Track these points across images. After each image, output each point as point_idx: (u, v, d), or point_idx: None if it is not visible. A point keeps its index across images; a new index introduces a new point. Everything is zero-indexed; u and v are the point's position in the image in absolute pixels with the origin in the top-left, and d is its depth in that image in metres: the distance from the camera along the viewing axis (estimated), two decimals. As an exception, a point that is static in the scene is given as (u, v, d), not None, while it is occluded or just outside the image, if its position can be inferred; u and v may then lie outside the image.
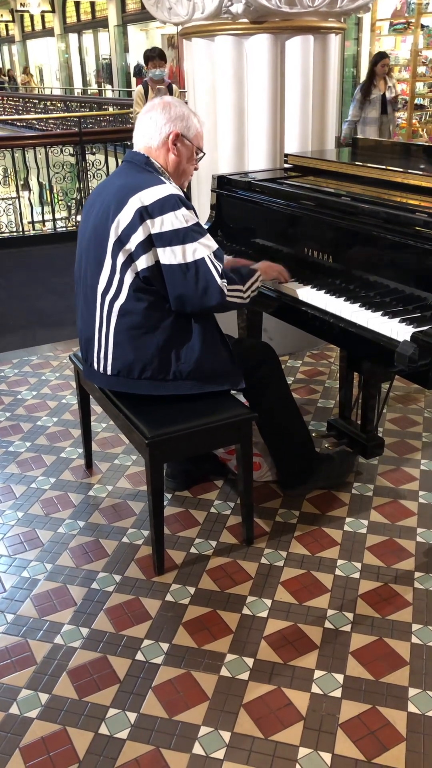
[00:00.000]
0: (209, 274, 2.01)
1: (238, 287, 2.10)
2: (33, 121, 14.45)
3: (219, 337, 2.18)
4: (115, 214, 2.01)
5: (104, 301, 2.09)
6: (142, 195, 1.98)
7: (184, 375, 2.10)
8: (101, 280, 2.08)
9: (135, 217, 1.97)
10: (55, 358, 3.82)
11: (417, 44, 9.49)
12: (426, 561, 2.19)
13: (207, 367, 2.12)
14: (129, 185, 2.03)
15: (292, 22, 3.10)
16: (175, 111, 2.12)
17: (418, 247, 1.98)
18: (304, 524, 2.38)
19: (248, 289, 2.15)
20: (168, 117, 2.11)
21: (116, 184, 2.08)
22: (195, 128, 2.16)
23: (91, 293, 2.13)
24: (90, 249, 2.12)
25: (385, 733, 1.64)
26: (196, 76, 3.37)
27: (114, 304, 2.07)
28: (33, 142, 7.47)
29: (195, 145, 2.18)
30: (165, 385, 2.11)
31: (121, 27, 19.62)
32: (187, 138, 2.14)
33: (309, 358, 3.70)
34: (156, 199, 1.97)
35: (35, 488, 2.64)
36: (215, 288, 2.02)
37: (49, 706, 1.73)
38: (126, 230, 1.99)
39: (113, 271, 2.04)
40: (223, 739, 1.64)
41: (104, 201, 2.08)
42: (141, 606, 2.04)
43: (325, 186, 2.54)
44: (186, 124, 2.13)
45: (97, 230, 2.08)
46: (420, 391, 3.26)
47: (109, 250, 2.04)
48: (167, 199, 1.98)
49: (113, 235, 2.01)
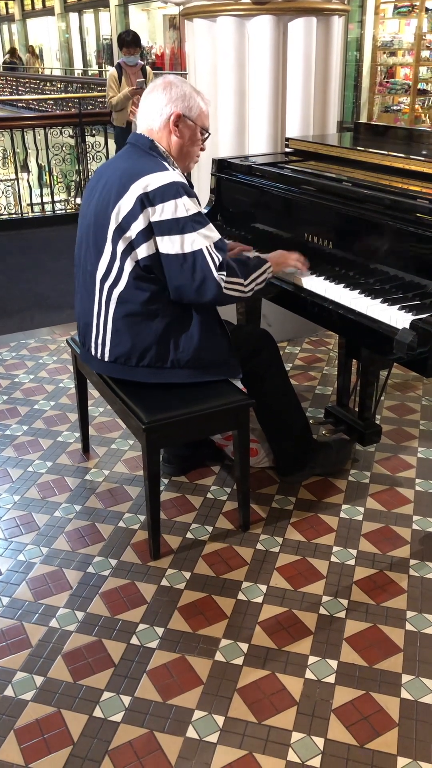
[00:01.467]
0: (206, 267, 1.96)
1: (238, 280, 2.04)
2: (32, 102, 14.31)
3: (219, 326, 2.16)
4: (116, 200, 1.98)
5: (103, 287, 2.07)
6: (143, 181, 1.94)
7: (182, 363, 2.09)
8: (101, 266, 2.06)
9: (136, 205, 1.94)
10: (53, 341, 3.81)
11: (421, 28, 9.38)
12: (421, 548, 2.20)
13: (205, 356, 2.10)
14: (131, 171, 1.99)
15: (295, 4, 3.06)
16: (176, 91, 2.07)
17: (418, 234, 1.97)
18: (300, 510, 2.38)
19: (251, 281, 2.08)
20: (169, 97, 2.06)
21: (119, 168, 2.04)
22: (198, 107, 2.10)
23: (90, 279, 2.11)
24: (90, 234, 2.09)
25: (377, 719, 1.65)
26: (197, 58, 3.34)
27: (113, 291, 2.05)
28: (32, 123, 7.41)
29: (199, 125, 2.12)
30: (162, 373, 2.10)
31: (122, 7, 19.37)
32: (189, 118, 2.09)
33: (307, 344, 3.69)
34: (157, 186, 1.94)
35: (32, 472, 2.64)
36: (212, 281, 1.97)
37: (44, 688, 1.74)
38: (127, 217, 1.96)
39: (113, 258, 2.02)
40: (216, 723, 1.65)
41: (106, 185, 2.04)
42: (136, 590, 2.05)
43: (326, 171, 2.52)
44: (188, 104, 2.08)
45: (98, 215, 2.05)
46: (418, 378, 3.26)
47: (110, 237, 2.01)
48: (169, 187, 1.94)
49: (114, 221, 1.99)
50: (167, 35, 18.40)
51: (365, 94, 11.04)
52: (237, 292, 2.05)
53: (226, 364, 2.16)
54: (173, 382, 2.11)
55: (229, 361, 2.17)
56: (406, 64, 10.17)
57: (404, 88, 10.12)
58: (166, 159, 2.07)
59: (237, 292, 2.05)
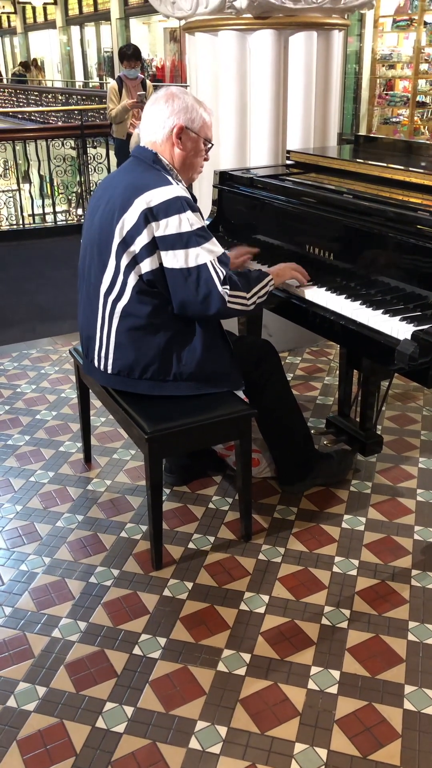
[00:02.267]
0: (210, 281, 1.97)
1: (241, 294, 2.04)
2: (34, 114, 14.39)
3: (221, 338, 2.16)
4: (120, 214, 1.99)
5: (107, 301, 2.07)
6: (147, 196, 1.95)
7: (184, 376, 2.10)
8: (104, 280, 2.07)
9: (140, 219, 1.95)
10: (55, 351, 3.82)
11: (420, 41, 9.46)
12: (423, 559, 2.20)
13: (208, 368, 2.11)
14: (135, 185, 2.00)
15: (295, 18, 3.09)
16: (179, 103, 2.07)
17: (419, 246, 1.98)
18: (302, 521, 2.39)
19: (253, 295, 2.08)
20: (171, 109, 2.07)
21: (123, 182, 2.05)
22: (201, 119, 2.10)
23: (93, 292, 2.12)
24: (95, 247, 2.10)
25: (380, 730, 1.65)
26: (199, 71, 3.37)
27: (117, 305, 2.05)
28: (34, 135, 7.45)
29: (202, 137, 2.12)
30: (165, 385, 2.10)
31: (123, 20, 19.53)
32: (192, 130, 2.09)
33: (308, 354, 3.70)
34: (161, 201, 1.94)
35: (34, 482, 2.64)
36: (216, 295, 1.98)
37: (47, 699, 1.74)
38: (131, 232, 1.97)
39: (117, 272, 2.03)
40: (219, 733, 1.65)
41: (110, 198, 2.05)
42: (139, 600, 2.05)
43: (327, 183, 2.54)
44: (190, 116, 2.08)
45: (102, 229, 2.06)
46: (419, 389, 3.27)
47: (113, 251, 2.02)
48: (173, 201, 1.95)
49: (118, 236, 1.99)
50: (168, 48, 18.53)
51: (365, 106, 11.12)
52: (240, 306, 2.05)
53: (228, 376, 2.17)
54: (176, 394, 2.11)
55: (231, 373, 2.17)
56: (405, 77, 10.24)
57: (403, 101, 10.19)
58: (170, 172, 2.08)
59: (240, 306, 2.05)
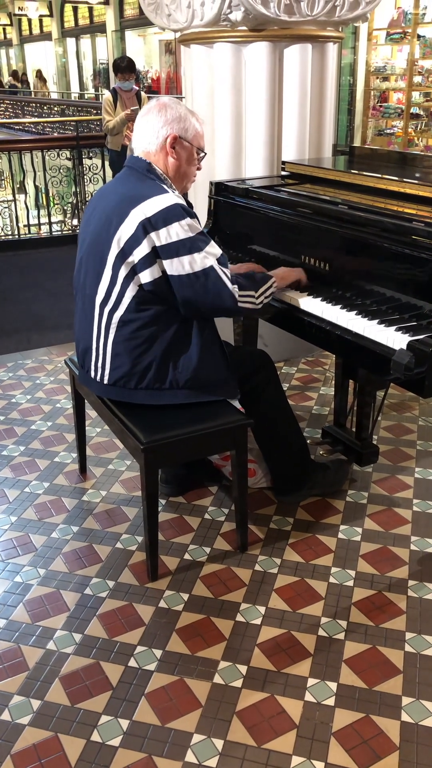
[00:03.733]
0: (219, 281, 2.01)
1: (250, 293, 2.10)
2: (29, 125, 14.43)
3: (218, 347, 2.17)
4: (117, 226, 1.99)
5: (103, 312, 2.07)
6: (144, 206, 1.96)
7: (180, 384, 2.10)
8: (100, 290, 2.07)
9: (138, 230, 1.95)
10: (50, 362, 3.81)
11: (413, 54, 9.54)
12: (420, 569, 2.20)
13: (204, 376, 2.11)
14: (131, 196, 2.00)
15: (290, 31, 3.12)
16: (172, 113, 2.09)
17: (414, 256, 1.99)
18: (298, 531, 2.38)
19: (261, 294, 2.13)
20: (165, 119, 2.08)
21: (118, 193, 2.06)
22: (193, 128, 2.13)
23: (89, 302, 2.12)
24: (90, 259, 2.10)
25: (378, 742, 1.64)
26: (195, 83, 3.39)
27: (113, 315, 2.05)
28: (31, 146, 7.46)
29: (195, 146, 2.14)
30: (161, 394, 2.10)
31: (119, 32, 19.65)
32: (185, 139, 2.11)
33: (304, 364, 3.71)
34: (158, 210, 1.95)
35: (29, 492, 2.63)
36: (227, 294, 2.02)
37: (41, 712, 1.72)
38: (129, 243, 1.97)
39: (113, 283, 2.03)
40: (215, 747, 1.63)
41: (105, 210, 2.06)
42: (134, 612, 2.04)
43: (321, 194, 2.55)
44: (183, 126, 2.10)
45: (97, 240, 2.06)
46: (414, 399, 3.27)
47: (110, 262, 2.02)
48: (170, 209, 1.96)
49: (115, 247, 2.00)
50: (163, 60, 18.65)
51: (359, 117, 11.18)
52: (250, 304, 2.11)
53: (223, 384, 2.17)
54: (172, 403, 2.11)
55: (227, 382, 2.17)
56: (399, 89, 10.31)
57: (397, 112, 10.25)
58: (164, 181, 2.09)
59: (250, 304, 2.11)
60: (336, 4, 3.07)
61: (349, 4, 3.11)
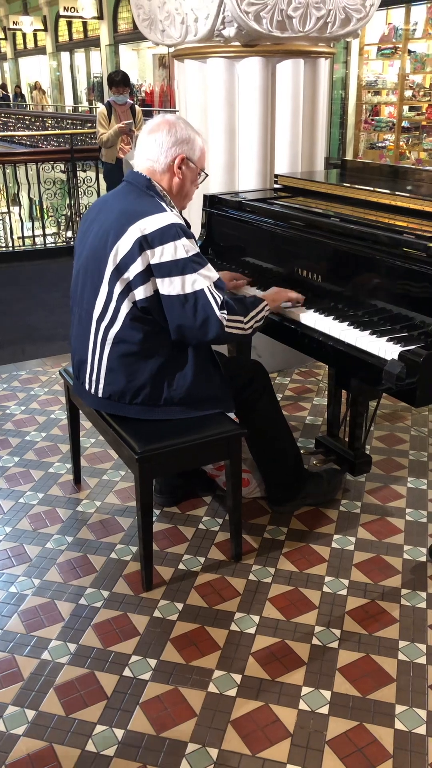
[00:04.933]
0: (208, 306, 1.98)
1: (238, 318, 2.06)
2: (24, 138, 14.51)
3: (212, 362, 2.17)
4: (114, 241, 1.99)
5: (99, 327, 2.07)
6: (142, 224, 1.96)
7: (175, 401, 2.10)
8: (97, 305, 2.07)
9: (134, 247, 1.95)
10: (44, 373, 3.82)
11: (404, 68, 9.67)
12: (413, 578, 2.21)
13: (198, 393, 2.12)
14: (129, 212, 2.00)
15: (283, 46, 3.16)
16: (181, 133, 2.09)
17: (405, 268, 2.02)
18: (292, 541, 2.39)
19: (251, 319, 2.10)
20: (174, 140, 2.08)
21: (116, 208, 2.06)
22: (199, 150, 2.13)
23: (86, 316, 2.12)
24: (87, 273, 2.11)
25: (372, 750, 1.65)
26: (188, 97, 3.42)
27: (109, 332, 2.05)
28: (25, 159, 7.50)
29: (199, 167, 2.16)
30: (156, 410, 2.11)
31: (112, 46, 19.81)
32: (192, 161, 2.12)
33: (297, 375, 3.73)
34: (156, 229, 1.95)
35: (23, 503, 2.63)
36: (214, 320, 1.99)
37: (36, 722, 1.73)
38: (125, 259, 1.97)
39: (109, 299, 2.03)
40: (210, 756, 1.63)
41: (103, 224, 2.06)
42: (129, 622, 2.04)
43: (314, 206, 2.58)
44: (191, 147, 2.10)
45: (94, 254, 2.06)
46: (407, 409, 3.29)
47: (107, 278, 2.02)
48: (167, 229, 1.95)
49: (111, 263, 2.00)
50: (157, 73, 18.78)
51: (351, 131, 11.30)
52: (238, 330, 2.07)
53: (218, 399, 2.18)
54: (166, 419, 2.12)
55: (222, 396, 2.18)
56: (390, 103, 10.43)
57: (389, 126, 10.37)
58: (163, 198, 2.08)
59: (238, 330, 2.07)
60: (327, 21, 3.12)
61: (340, 20, 3.16)
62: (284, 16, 3.02)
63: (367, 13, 3.23)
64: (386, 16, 10.58)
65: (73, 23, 21.95)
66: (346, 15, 3.16)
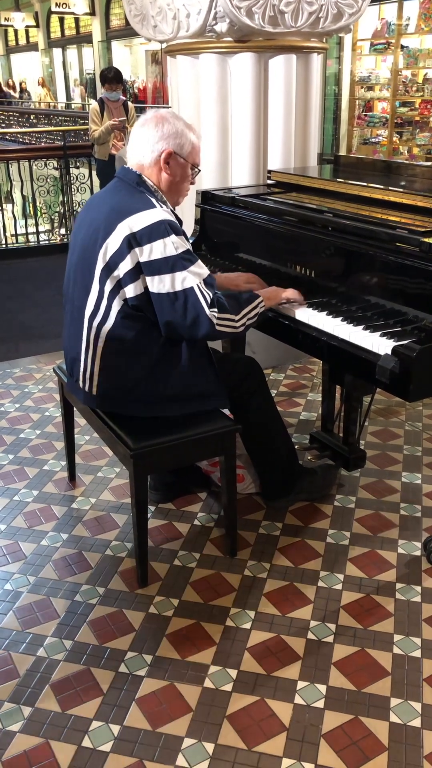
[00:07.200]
0: (198, 304, 1.95)
1: (229, 316, 2.03)
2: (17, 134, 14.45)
3: (206, 359, 2.17)
4: (103, 239, 1.98)
5: (91, 325, 2.06)
6: (130, 221, 1.94)
7: (170, 398, 2.10)
8: (88, 303, 2.05)
9: (123, 245, 1.94)
10: (38, 370, 3.82)
11: (397, 64, 9.66)
12: (407, 572, 2.22)
13: (193, 389, 2.12)
14: (119, 209, 1.98)
15: (275, 42, 3.16)
16: (168, 127, 2.06)
17: (398, 263, 2.02)
18: (287, 536, 2.40)
19: (243, 317, 2.07)
20: (161, 134, 2.05)
21: (107, 205, 2.04)
22: (190, 144, 2.09)
23: (78, 314, 2.11)
24: (78, 271, 2.10)
25: (367, 744, 1.65)
26: (181, 93, 3.42)
27: (101, 329, 2.04)
28: (18, 156, 7.48)
29: (190, 162, 2.12)
30: (150, 407, 2.11)
31: (105, 43, 19.74)
32: (180, 156, 2.08)
33: (292, 371, 3.73)
34: (144, 226, 1.93)
35: (18, 501, 2.63)
36: (204, 318, 1.96)
37: (32, 719, 1.73)
38: (114, 257, 1.96)
39: (101, 297, 2.02)
40: (206, 750, 1.64)
41: (94, 222, 2.04)
42: (124, 618, 2.04)
43: (307, 202, 2.58)
44: (179, 141, 2.07)
45: (85, 252, 2.05)
46: (401, 404, 3.30)
47: (97, 276, 2.01)
48: (156, 226, 1.94)
49: (101, 260, 1.99)
50: (149, 70, 18.73)
51: (344, 126, 11.30)
52: (229, 328, 2.04)
53: (213, 395, 2.17)
54: (161, 415, 2.12)
55: (217, 392, 2.18)
56: (383, 98, 10.43)
57: (382, 121, 10.36)
58: (154, 194, 2.06)
59: (229, 328, 2.04)
60: (319, 16, 3.12)
61: (332, 15, 3.15)
62: (276, 12, 3.02)
63: (360, 8, 3.23)
64: (379, 11, 10.57)
65: (66, 19, 21.87)
66: (338, 10, 3.16)
